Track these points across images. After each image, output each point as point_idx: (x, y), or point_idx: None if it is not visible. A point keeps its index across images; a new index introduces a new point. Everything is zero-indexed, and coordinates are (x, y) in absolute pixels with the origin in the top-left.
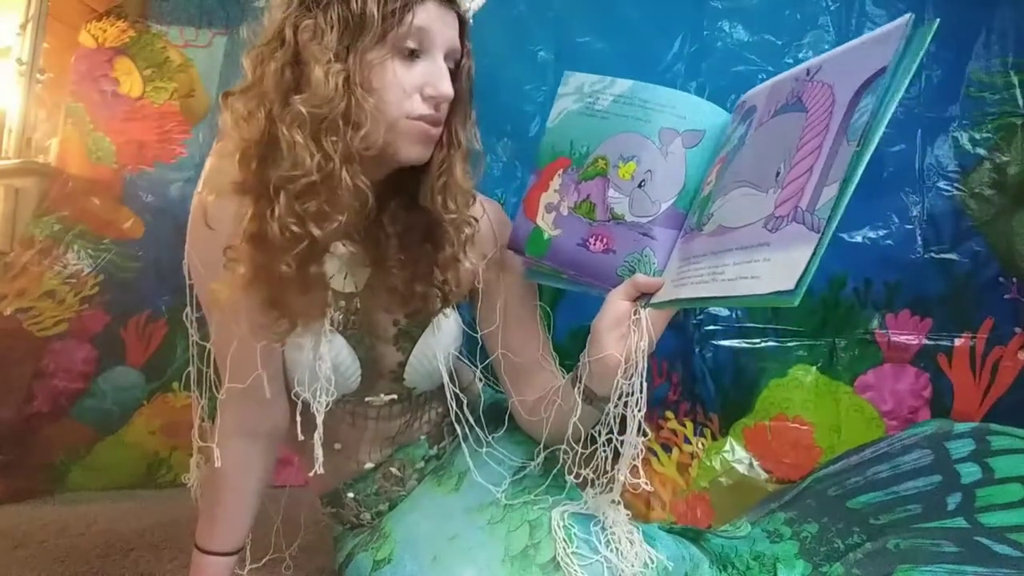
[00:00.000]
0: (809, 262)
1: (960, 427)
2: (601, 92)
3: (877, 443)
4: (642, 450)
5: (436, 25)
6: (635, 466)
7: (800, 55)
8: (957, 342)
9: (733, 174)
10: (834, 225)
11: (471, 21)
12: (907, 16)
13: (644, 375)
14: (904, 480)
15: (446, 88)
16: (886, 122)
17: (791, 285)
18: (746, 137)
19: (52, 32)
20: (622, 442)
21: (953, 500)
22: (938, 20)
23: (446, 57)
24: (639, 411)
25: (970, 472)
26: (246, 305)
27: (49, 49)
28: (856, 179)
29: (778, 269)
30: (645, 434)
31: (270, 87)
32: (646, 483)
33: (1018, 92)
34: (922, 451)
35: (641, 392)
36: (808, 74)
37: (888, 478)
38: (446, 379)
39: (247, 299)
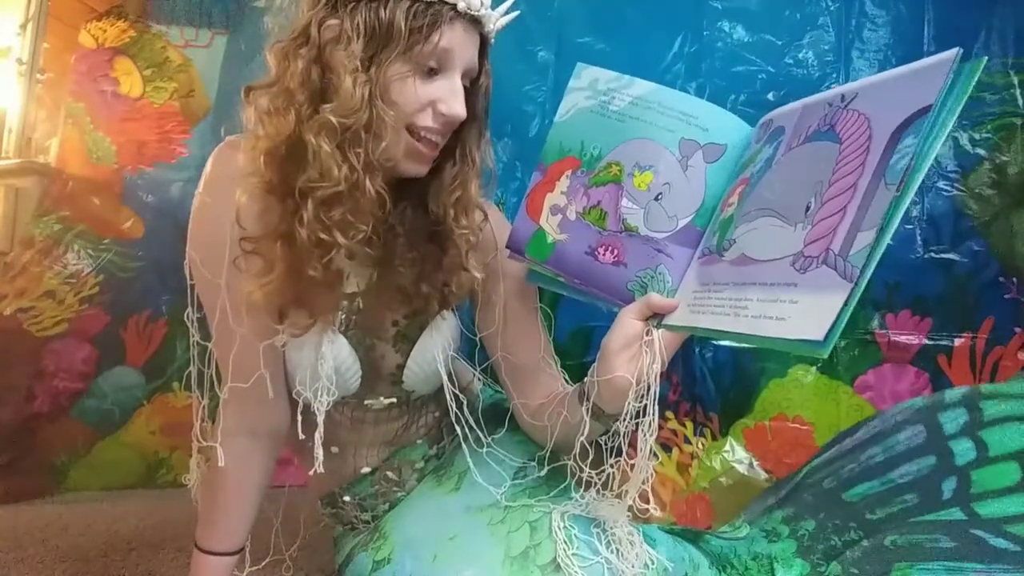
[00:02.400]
0: (840, 312)
1: (951, 394)
2: (617, 92)
3: (870, 421)
4: (652, 475)
5: (459, 46)
6: (645, 490)
7: (800, 55)
8: (957, 342)
9: (758, 200)
10: (868, 274)
11: (493, 41)
12: (954, 50)
13: (656, 398)
14: (899, 464)
15: (458, 109)
16: (928, 165)
17: (820, 335)
18: (773, 161)
19: (52, 32)
20: (632, 465)
21: (948, 486)
22: (986, 58)
23: (463, 75)
24: (651, 435)
25: (964, 450)
26: (267, 302)
27: (49, 49)
28: (894, 226)
29: (806, 314)
30: (656, 457)
31: (296, 87)
32: (655, 508)
33: (1018, 92)
34: (914, 427)
35: (653, 415)
36: (843, 100)
37: (883, 462)
38: (445, 380)
39: (274, 296)
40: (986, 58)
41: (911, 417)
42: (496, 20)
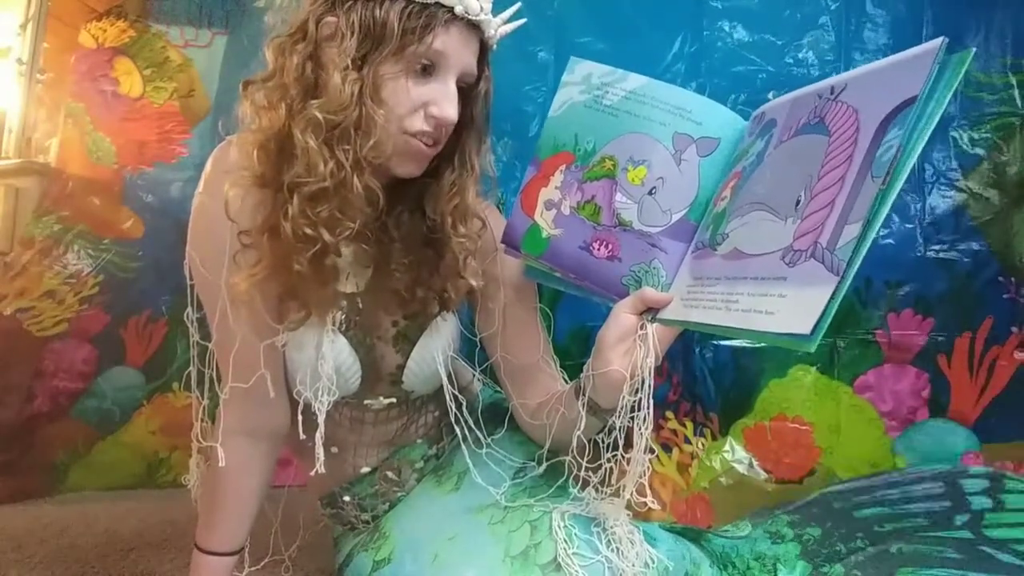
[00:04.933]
0: (827, 306)
1: (976, 469)
2: (611, 86)
3: (889, 472)
4: (649, 467)
5: (455, 50)
6: (641, 483)
7: (800, 55)
8: (957, 341)
9: (750, 194)
10: (855, 267)
11: (494, 47)
12: (939, 40)
13: (650, 392)
14: (913, 502)
15: (450, 112)
16: (915, 158)
17: (807, 329)
18: (765, 154)
19: (52, 32)
20: (628, 459)
21: (960, 519)
22: (974, 49)
23: (459, 79)
24: (646, 428)
25: (980, 502)
26: (260, 296)
27: (49, 49)
28: (881, 219)
29: (794, 308)
30: (652, 451)
31: (290, 81)
32: (652, 501)
33: (1017, 92)
34: (935, 483)
35: (648, 409)
36: (832, 92)
37: (897, 499)
38: (445, 381)
39: (262, 290)
40: (974, 49)
41: (933, 476)
42: (498, 27)
